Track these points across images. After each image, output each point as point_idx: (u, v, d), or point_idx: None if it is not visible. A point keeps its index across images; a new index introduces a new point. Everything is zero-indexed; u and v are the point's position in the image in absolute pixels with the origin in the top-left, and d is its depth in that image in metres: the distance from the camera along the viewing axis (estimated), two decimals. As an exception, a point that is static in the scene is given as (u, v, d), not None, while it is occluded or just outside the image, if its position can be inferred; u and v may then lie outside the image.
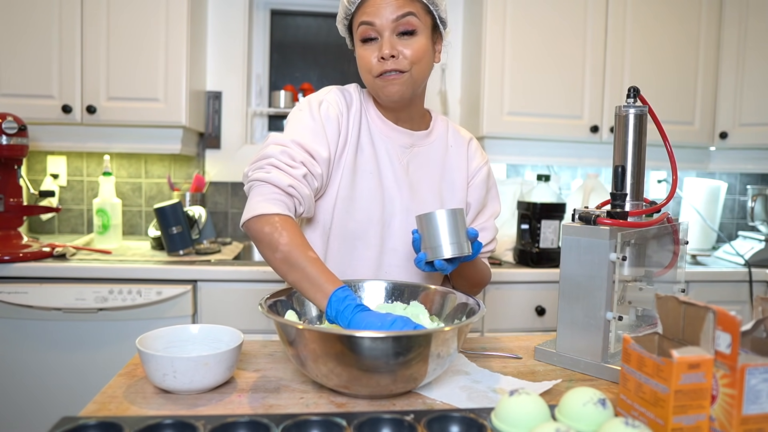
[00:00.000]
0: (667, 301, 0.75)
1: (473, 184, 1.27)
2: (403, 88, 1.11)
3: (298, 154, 1.07)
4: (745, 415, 0.65)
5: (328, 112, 1.14)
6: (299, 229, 1.02)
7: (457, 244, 0.98)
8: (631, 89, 1.05)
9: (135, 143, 2.22)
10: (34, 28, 2.08)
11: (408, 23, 1.09)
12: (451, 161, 1.25)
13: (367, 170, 1.17)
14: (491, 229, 1.28)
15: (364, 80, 1.16)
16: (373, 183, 1.17)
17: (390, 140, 1.20)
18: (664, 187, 2.67)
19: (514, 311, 2.10)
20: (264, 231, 1.00)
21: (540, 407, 0.70)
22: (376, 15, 1.08)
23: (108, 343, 1.90)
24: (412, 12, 1.09)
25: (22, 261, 1.88)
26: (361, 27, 1.11)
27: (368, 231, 1.17)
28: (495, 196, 1.32)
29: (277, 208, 1.01)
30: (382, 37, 1.09)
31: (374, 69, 1.10)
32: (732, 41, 2.42)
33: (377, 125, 1.20)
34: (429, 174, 1.22)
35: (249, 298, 1.96)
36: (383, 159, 1.18)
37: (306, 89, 2.61)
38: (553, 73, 2.32)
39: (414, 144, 1.22)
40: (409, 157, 1.21)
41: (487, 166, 1.29)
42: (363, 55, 1.12)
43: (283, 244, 0.98)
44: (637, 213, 1.03)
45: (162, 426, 0.72)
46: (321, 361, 0.82)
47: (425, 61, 1.13)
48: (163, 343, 0.94)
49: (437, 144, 1.25)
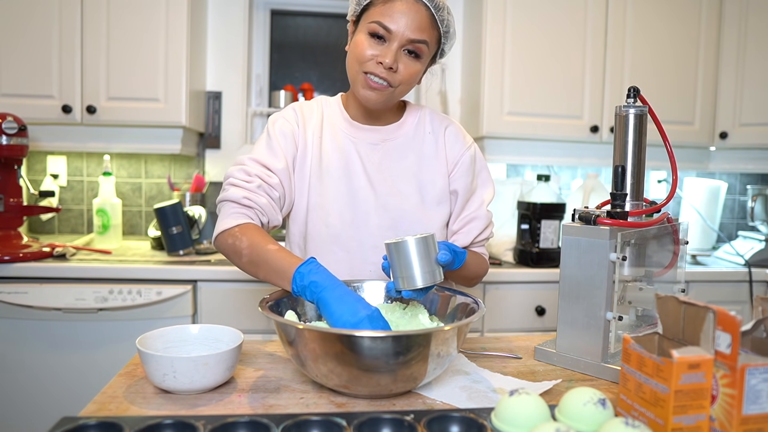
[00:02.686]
0: (667, 301, 0.75)
1: (457, 172, 1.23)
2: (382, 98, 1.13)
3: (253, 168, 1.13)
4: (745, 415, 0.65)
5: (283, 127, 1.19)
6: (260, 230, 1.08)
7: (428, 273, 0.94)
8: (631, 89, 1.05)
9: (135, 143, 2.22)
10: (34, 28, 2.08)
11: (419, 49, 1.10)
12: (427, 149, 1.23)
13: (335, 175, 1.18)
14: (483, 217, 1.24)
15: (350, 68, 1.15)
16: (342, 186, 1.18)
17: (358, 140, 1.21)
18: (664, 187, 2.67)
19: (514, 311, 2.10)
20: (227, 243, 1.08)
21: (540, 407, 0.70)
22: (396, 24, 1.07)
23: (108, 343, 1.90)
24: (426, 41, 1.10)
25: (22, 261, 1.88)
26: (374, 25, 1.09)
27: (343, 234, 1.18)
28: (485, 181, 1.28)
29: (235, 221, 1.09)
30: (391, 44, 1.08)
31: (368, 65, 1.10)
32: (732, 41, 2.42)
33: (343, 128, 1.22)
34: (405, 165, 1.21)
35: (249, 298, 1.96)
36: (353, 160, 1.19)
37: (306, 89, 2.61)
38: (553, 73, 2.32)
39: (385, 138, 1.22)
40: (381, 153, 1.21)
41: (471, 150, 1.25)
42: (363, 45, 1.10)
43: (244, 248, 1.05)
44: (637, 213, 1.03)
45: (162, 426, 0.72)
46: (321, 360, 0.82)
47: (413, 83, 1.15)
48: (163, 343, 0.94)
49: (411, 134, 1.24)
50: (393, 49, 1.08)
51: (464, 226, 1.24)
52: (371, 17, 1.10)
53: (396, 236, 1.15)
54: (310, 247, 1.20)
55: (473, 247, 1.27)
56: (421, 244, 0.94)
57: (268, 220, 1.13)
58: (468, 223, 1.24)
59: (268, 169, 1.14)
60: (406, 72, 1.10)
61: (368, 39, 1.10)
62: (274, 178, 1.14)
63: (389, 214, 1.18)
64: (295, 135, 1.19)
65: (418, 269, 0.94)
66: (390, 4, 1.08)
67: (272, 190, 1.13)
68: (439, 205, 1.22)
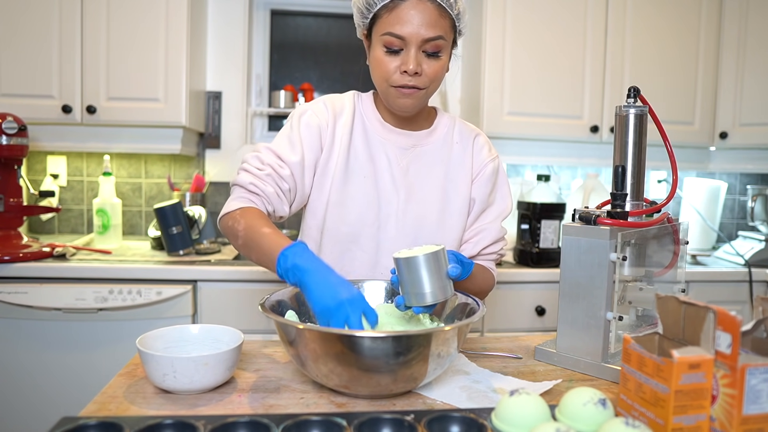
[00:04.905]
0: (667, 301, 0.75)
1: (478, 180, 1.24)
2: (417, 102, 1.13)
3: (267, 157, 1.14)
4: (745, 415, 0.65)
5: (309, 120, 1.18)
6: (260, 214, 1.08)
7: (439, 290, 0.91)
8: (631, 89, 1.05)
9: (135, 143, 2.22)
10: (34, 28, 2.08)
11: (436, 46, 1.08)
12: (455, 158, 1.23)
13: (361, 174, 1.18)
14: (494, 230, 1.23)
15: (377, 85, 1.15)
16: (367, 187, 1.17)
17: (389, 142, 1.20)
18: (664, 187, 2.67)
19: (514, 311, 2.10)
20: (228, 225, 1.11)
21: (540, 407, 0.70)
22: (406, 29, 1.06)
23: (108, 343, 1.90)
24: (442, 36, 1.08)
25: (22, 261, 1.88)
26: (387, 36, 1.08)
27: (361, 234, 1.17)
28: (504, 197, 1.27)
29: (238, 204, 1.11)
30: (408, 50, 1.08)
31: (394, 79, 1.10)
32: (732, 41, 2.42)
33: (376, 129, 1.21)
34: (432, 173, 1.21)
35: (249, 298, 1.96)
36: (381, 162, 1.19)
37: (306, 89, 2.61)
38: (553, 73, 2.32)
39: (415, 144, 1.22)
40: (410, 158, 1.21)
41: (495, 162, 1.25)
42: (384, 62, 1.09)
43: (240, 230, 1.06)
44: (638, 213, 1.03)
45: (162, 426, 0.72)
46: (321, 361, 0.82)
47: (442, 77, 1.14)
48: (163, 343, 0.94)
49: (441, 142, 1.24)
50: (412, 55, 1.07)
51: (474, 236, 1.23)
52: (381, 29, 1.09)
53: (414, 243, 1.15)
54: (326, 243, 1.19)
55: (480, 258, 1.25)
56: (431, 260, 0.90)
57: (273, 210, 1.14)
58: (478, 233, 1.23)
59: (281, 160, 1.14)
60: (431, 71, 1.10)
61: (386, 54, 1.09)
62: (285, 170, 1.14)
63: (410, 220, 1.18)
64: (321, 129, 1.18)
65: (428, 286, 0.91)
66: (396, 11, 1.07)
67: (282, 181, 1.13)
68: (461, 215, 1.22)
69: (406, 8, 1.06)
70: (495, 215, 1.25)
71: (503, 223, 1.27)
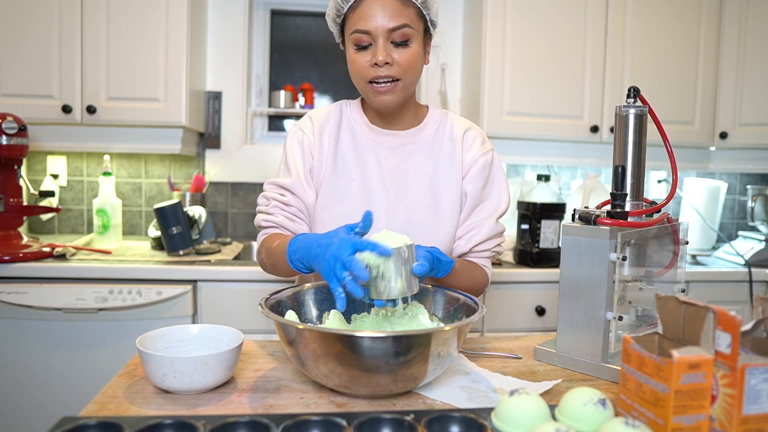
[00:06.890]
0: (667, 301, 0.75)
1: (469, 175, 1.21)
2: (397, 96, 1.14)
3: (269, 192, 1.23)
4: (745, 415, 0.65)
5: (299, 138, 1.24)
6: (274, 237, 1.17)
7: (403, 285, 0.90)
8: (631, 89, 1.05)
9: (135, 143, 2.22)
10: (34, 28, 2.08)
11: (403, 35, 1.11)
12: (445, 154, 1.22)
13: (349, 177, 1.20)
14: (489, 226, 1.21)
15: (356, 84, 1.17)
16: (356, 189, 1.19)
17: (377, 144, 1.22)
18: (664, 187, 2.67)
19: (514, 311, 2.10)
20: (260, 262, 1.23)
21: (540, 407, 0.70)
22: (370, 23, 1.09)
23: (108, 343, 1.90)
24: (407, 24, 1.10)
25: (22, 261, 1.88)
26: (354, 34, 1.11)
27: None
28: (500, 192, 1.24)
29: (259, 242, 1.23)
30: (376, 42, 1.10)
31: (367, 74, 1.12)
32: (732, 41, 2.42)
33: (364, 132, 1.23)
34: (422, 171, 1.21)
35: (249, 298, 1.96)
36: (370, 164, 1.20)
37: (306, 89, 2.61)
38: (553, 73, 2.32)
39: (404, 143, 1.22)
40: (399, 158, 1.21)
41: (488, 156, 1.23)
42: (356, 60, 1.13)
43: (265, 259, 1.18)
44: (637, 213, 1.03)
45: (162, 426, 0.72)
46: (321, 361, 0.82)
47: (417, 67, 1.15)
48: (163, 343, 0.94)
49: (431, 138, 1.23)
50: (380, 46, 1.10)
51: (467, 233, 1.21)
52: (349, 29, 1.13)
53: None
54: None
55: (471, 255, 1.23)
56: (395, 256, 0.89)
57: (292, 234, 1.20)
58: (471, 230, 1.21)
59: (281, 188, 1.22)
60: (402, 59, 1.11)
61: (356, 51, 1.13)
62: (286, 196, 1.21)
63: (400, 219, 1.18)
64: (310, 144, 1.23)
65: (392, 280, 0.90)
66: (359, 9, 1.11)
67: (287, 207, 1.21)
68: (452, 211, 1.21)
69: (368, 4, 1.10)
70: (489, 211, 1.23)
71: (501, 220, 1.26)
